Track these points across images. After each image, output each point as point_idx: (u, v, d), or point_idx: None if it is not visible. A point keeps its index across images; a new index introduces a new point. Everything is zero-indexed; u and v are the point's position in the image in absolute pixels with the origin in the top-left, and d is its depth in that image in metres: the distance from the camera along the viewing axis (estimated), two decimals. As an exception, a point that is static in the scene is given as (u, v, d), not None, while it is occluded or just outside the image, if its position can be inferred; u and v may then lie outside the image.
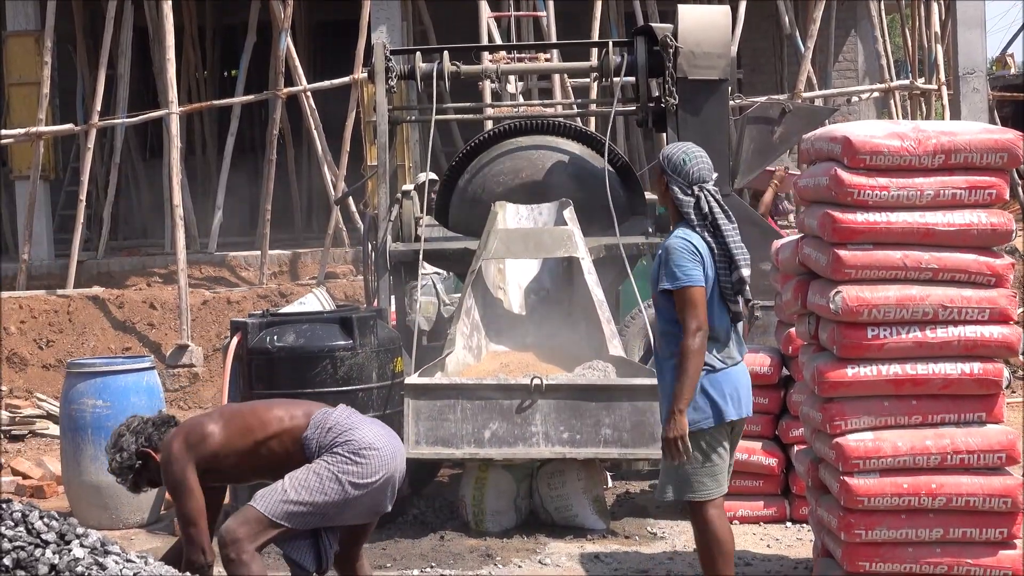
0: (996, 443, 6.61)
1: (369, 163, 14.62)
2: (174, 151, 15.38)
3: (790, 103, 12.00)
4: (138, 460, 6.45)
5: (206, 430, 6.34)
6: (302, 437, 6.25)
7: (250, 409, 6.52)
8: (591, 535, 8.62)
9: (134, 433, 6.47)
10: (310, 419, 6.29)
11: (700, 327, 6.30)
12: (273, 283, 15.86)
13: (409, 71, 10.29)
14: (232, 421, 6.39)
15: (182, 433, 6.37)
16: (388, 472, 6.23)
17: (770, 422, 8.77)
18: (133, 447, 6.43)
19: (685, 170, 6.47)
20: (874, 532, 6.60)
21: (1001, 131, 6.81)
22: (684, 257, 6.36)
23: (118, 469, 6.48)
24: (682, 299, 6.35)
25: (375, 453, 6.20)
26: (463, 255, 9.73)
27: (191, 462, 6.26)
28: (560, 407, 8.46)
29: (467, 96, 15.76)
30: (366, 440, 6.21)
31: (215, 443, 6.30)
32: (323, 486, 6.13)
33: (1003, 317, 6.66)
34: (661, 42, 9.75)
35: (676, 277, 6.35)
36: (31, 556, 6.11)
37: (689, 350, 6.31)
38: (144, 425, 6.50)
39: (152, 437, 6.45)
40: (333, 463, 6.16)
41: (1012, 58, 25.77)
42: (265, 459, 6.30)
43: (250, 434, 6.31)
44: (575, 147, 10.33)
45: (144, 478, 6.53)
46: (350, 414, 6.38)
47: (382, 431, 6.37)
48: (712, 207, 6.44)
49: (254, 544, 6.13)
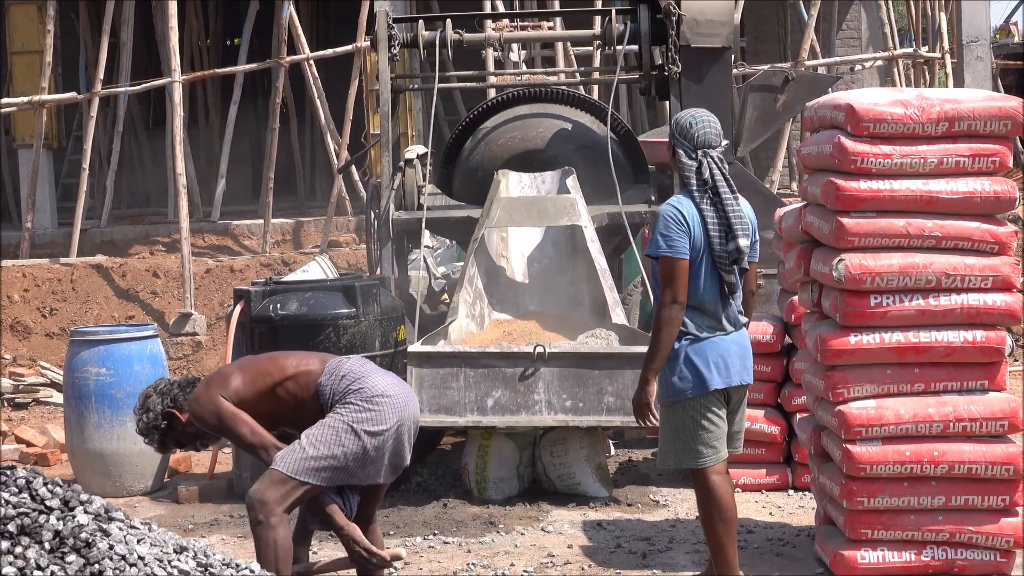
0: (998, 411, 6.62)
1: (372, 132, 14.61)
2: (177, 120, 15.35)
3: (793, 71, 11.97)
4: (164, 420, 6.49)
5: (228, 375, 6.42)
6: (317, 383, 6.30)
7: (268, 356, 6.60)
8: (593, 503, 8.64)
9: (160, 394, 6.53)
10: (325, 366, 6.34)
11: (675, 299, 6.33)
12: (276, 251, 15.86)
13: (412, 39, 10.28)
14: (251, 366, 6.48)
15: (206, 383, 6.47)
16: (400, 419, 6.26)
17: (773, 390, 8.78)
18: (159, 407, 6.49)
19: (691, 133, 6.47)
20: (876, 500, 6.62)
21: (1005, 99, 6.80)
22: (670, 226, 6.37)
23: (145, 429, 6.55)
24: (662, 268, 6.40)
25: (387, 400, 6.23)
26: (466, 223, 9.73)
27: (219, 396, 6.32)
28: (563, 375, 8.47)
29: (470, 64, 15.74)
30: (378, 388, 6.25)
31: (237, 384, 6.35)
32: (339, 438, 6.16)
33: (1006, 285, 6.66)
34: (664, 10, 9.73)
35: (659, 246, 6.38)
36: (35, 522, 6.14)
37: (661, 320, 6.37)
38: (170, 387, 6.56)
39: (177, 398, 6.50)
40: (346, 413, 6.19)
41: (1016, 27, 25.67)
42: (282, 402, 6.34)
43: (268, 376, 6.36)
44: (578, 115, 10.32)
45: (171, 438, 6.58)
46: (364, 363, 6.43)
47: (394, 380, 6.42)
48: (714, 173, 6.43)
49: (282, 506, 6.15)
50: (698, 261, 6.39)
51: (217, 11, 22.08)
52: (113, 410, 9.20)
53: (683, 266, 6.35)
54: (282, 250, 16.03)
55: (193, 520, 8.52)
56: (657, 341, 6.39)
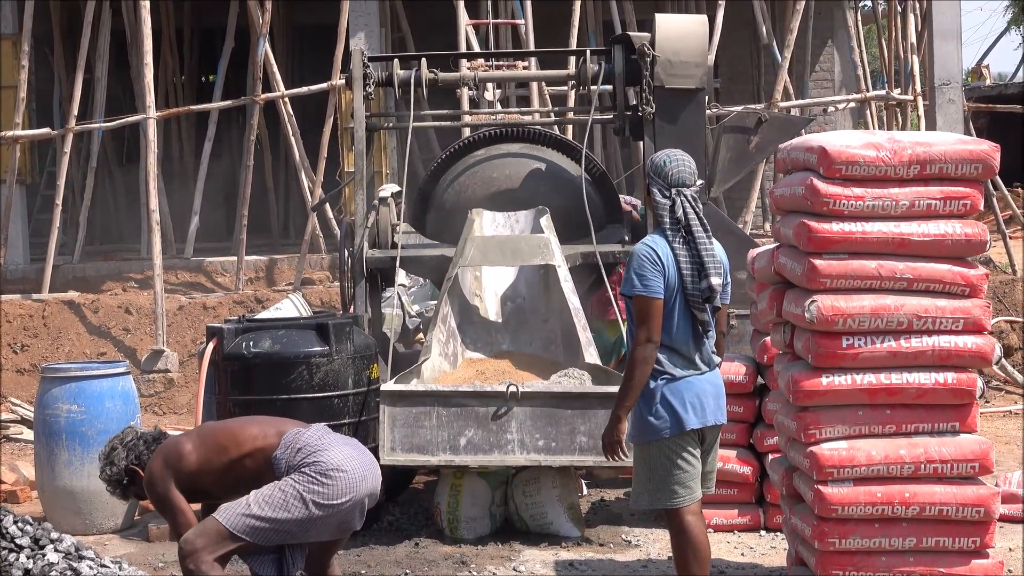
0: (970, 452, 6.64)
1: (346, 170, 14.61)
2: (151, 156, 15.33)
3: (766, 112, 12.03)
4: (126, 476, 6.50)
5: (183, 450, 6.38)
6: (272, 456, 6.26)
7: (224, 428, 6.57)
8: (566, 543, 8.63)
9: (126, 448, 6.53)
10: (281, 439, 6.29)
11: (649, 338, 6.36)
12: (249, 289, 15.83)
13: (387, 78, 10.29)
14: (207, 440, 6.44)
15: (161, 454, 6.42)
16: (355, 495, 6.21)
17: (745, 430, 8.79)
18: (123, 463, 6.50)
19: (665, 172, 6.51)
20: (848, 540, 6.62)
21: (976, 142, 6.85)
22: (644, 266, 6.41)
23: (107, 480, 6.57)
24: (636, 308, 6.44)
25: (343, 475, 6.18)
26: (440, 262, 9.73)
27: (171, 480, 6.31)
28: (536, 414, 8.47)
29: (445, 103, 15.77)
30: (334, 462, 6.19)
31: (192, 462, 6.33)
32: (287, 503, 6.12)
33: (977, 327, 6.69)
34: (639, 51, 9.77)
35: (633, 285, 6.42)
36: (5, 560, 6.10)
37: (635, 359, 6.40)
38: (137, 441, 6.55)
39: (142, 455, 6.50)
40: (300, 482, 6.15)
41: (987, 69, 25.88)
42: (239, 477, 6.32)
43: (224, 452, 6.34)
44: (552, 155, 10.34)
45: (131, 491, 6.60)
46: (323, 435, 6.35)
47: (354, 452, 6.34)
48: (687, 212, 6.46)
49: (213, 555, 6.12)
50: (672, 300, 6.42)
51: (192, 48, 22.07)
52: (84, 447, 9.15)
53: (657, 305, 6.37)
54: (255, 287, 16.01)
55: (163, 558, 8.47)
56: (630, 379, 6.41)
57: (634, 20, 17.54)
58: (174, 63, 21.05)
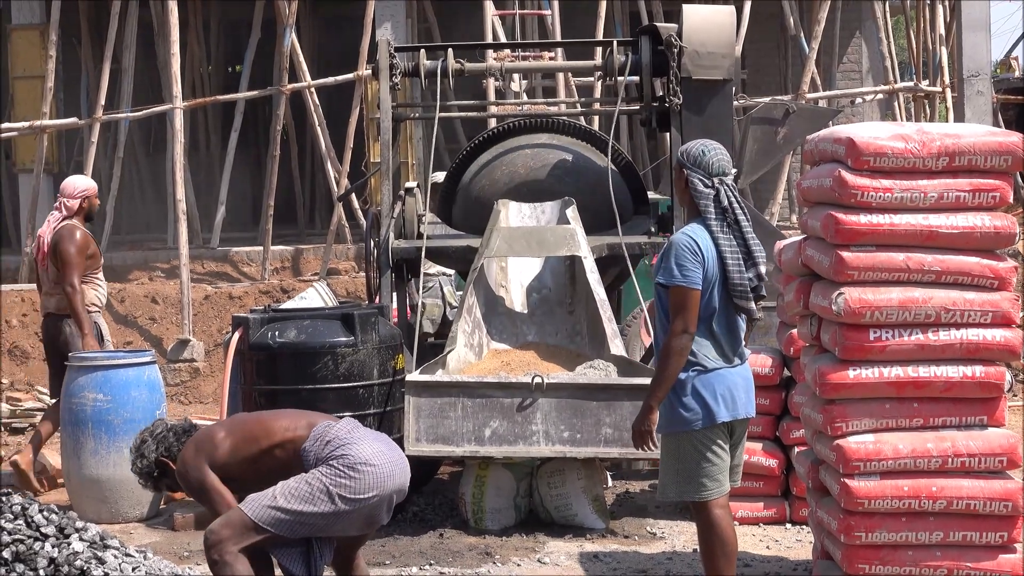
0: (997, 446, 6.61)
1: (372, 160, 14.61)
2: (177, 146, 15.37)
3: (794, 104, 12.00)
4: (156, 469, 6.50)
5: (216, 438, 6.39)
6: (301, 448, 6.25)
7: (255, 419, 6.56)
8: (590, 534, 8.62)
9: (156, 440, 6.52)
10: (311, 431, 6.29)
11: (685, 329, 6.32)
12: (275, 279, 15.85)
13: (413, 68, 10.28)
14: (238, 430, 6.44)
15: (194, 443, 6.43)
16: (382, 491, 6.18)
17: (771, 423, 8.76)
18: (153, 455, 6.48)
19: (705, 161, 6.47)
20: (874, 534, 6.60)
21: (1005, 134, 6.80)
22: (685, 256, 6.36)
23: (138, 473, 6.55)
24: (674, 298, 6.38)
25: (371, 470, 6.16)
26: (465, 253, 9.72)
27: (206, 464, 6.29)
28: (561, 406, 8.46)
29: (471, 94, 15.76)
30: (363, 456, 6.17)
31: (224, 451, 6.33)
32: (313, 496, 6.11)
33: (1005, 320, 6.65)
34: (666, 42, 9.74)
35: (672, 274, 6.36)
36: (30, 549, 6.12)
37: (670, 350, 6.35)
38: (167, 433, 6.54)
39: (172, 447, 6.48)
40: (327, 475, 6.14)
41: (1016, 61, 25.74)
42: (268, 468, 6.30)
43: (255, 443, 6.33)
44: (579, 146, 10.33)
45: (163, 484, 6.59)
46: (353, 428, 6.34)
47: (383, 448, 6.30)
48: (732, 200, 6.44)
49: (237, 546, 6.10)
50: (708, 292, 6.39)
51: (219, 38, 22.10)
52: (110, 436, 9.17)
53: (695, 296, 6.34)
54: (281, 277, 16.03)
55: (189, 548, 8.49)
56: (664, 369, 6.37)
57: (661, 11, 17.52)
58: (201, 53, 21.08)
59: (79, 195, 10.26)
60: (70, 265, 9.92)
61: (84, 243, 10.07)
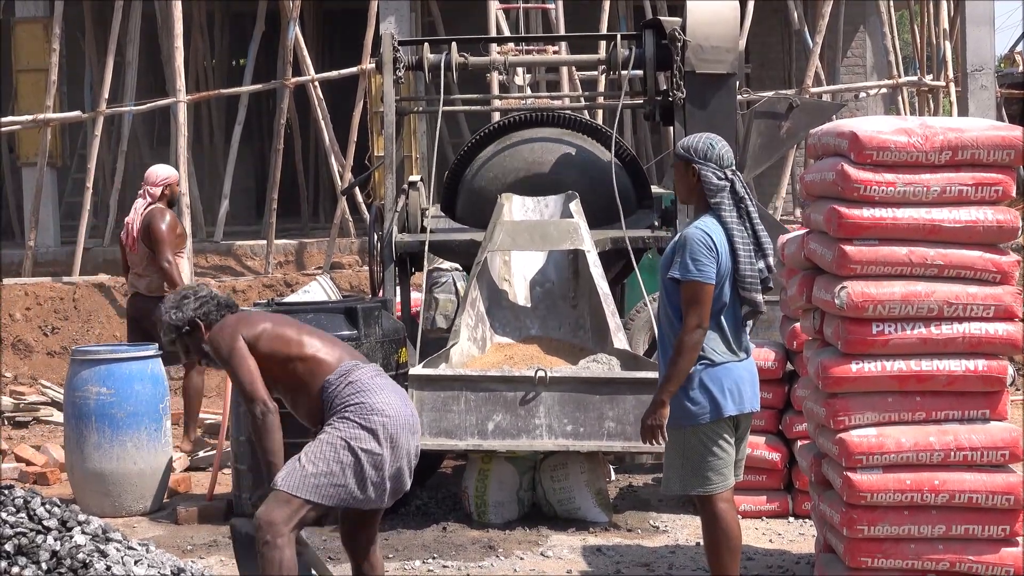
0: (999, 440, 6.60)
1: (376, 154, 14.62)
2: (181, 139, 15.39)
3: (797, 98, 11.99)
4: (187, 327, 6.43)
5: (256, 324, 6.34)
6: (324, 379, 6.24)
7: (298, 326, 6.49)
8: (593, 528, 8.62)
9: (198, 300, 6.46)
10: (340, 365, 6.26)
11: (700, 324, 6.31)
12: (279, 273, 15.87)
13: (417, 62, 10.29)
14: (280, 327, 6.38)
15: (235, 316, 6.42)
16: (395, 440, 6.16)
17: (774, 417, 8.76)
18: (190, 313, 6.42)
19: (715, 154, 6.45)
20: (876, 528, 6.59)
21: (1008, 128, 6.80)
22: (700, 250, 6.33)
23: (168, 326, 6.47)
24: (688, 293, 6.34)
25: (384, 420, 6.14)
26: (469, 247, 9.72)
27: (240, 336, 6.26)
28: (564, 400, 8.46)
29: (475, 87, 15.77)
30: (378, 405, 6.15)
31: (259, 336, 6.27)
32: (337, 454, 6.09)
33: (1008, 314, 6.65)
34: (669, 36, 9.74)
35: (688, 269, 6.33)
36: (32, 542, 6.12)
37: (684, 345, 6.32)
38: (210, 299, 6.47)
39: (211, 314, 6.42)
40: (342, 428, 6.12)
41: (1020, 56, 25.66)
42: (287, 375, 6.27)
43: (288, 346, 6.28)
44: (582, 140, 10.32)
45: (186, 343, 6.51)
46: (375, 375, 6.30)
47: (397, 400, 6.27)
48: (746, 190, 6.47)
49: (289, 526, 6.08)
50: (720, 286, 6.38)
51: (223, 31, 22.13)
52: (113, 429, 9.18)
53: (710, 291, 6.33)
54: (285, 271, 16.05)
55: (192, 541, 8.50)
56: (678, 364, 6.34)
57: (665, 5, 17.52)
58: (205, 47, 21.11)
59: (161, 183, 10.92)
60: (163, 243, 10.64)
61: (173, 223, 10.83)
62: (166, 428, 9.42)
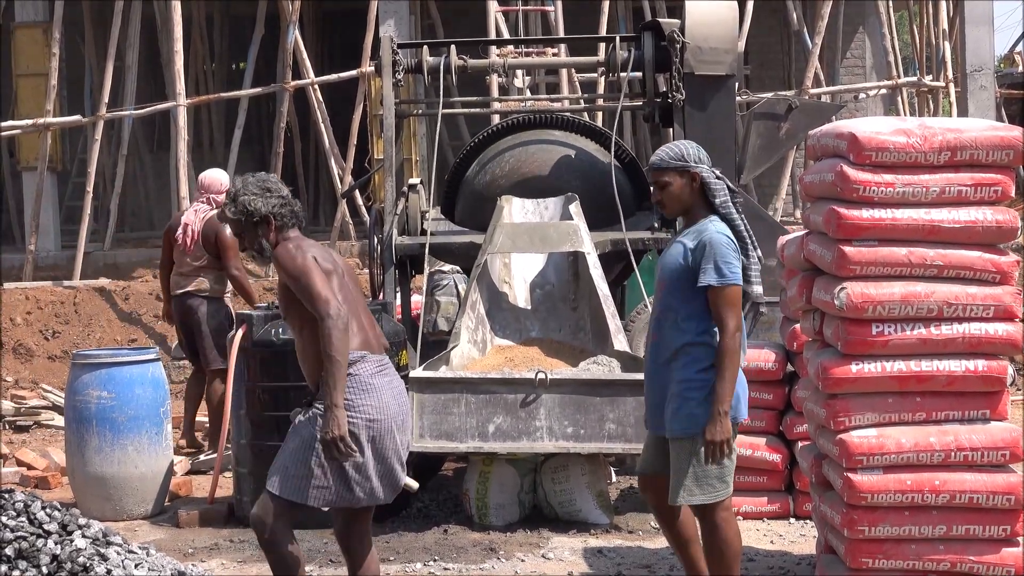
0: (1000, 440, 6.61)
1: (376, 157, 14.62)
2: (181, 143, 15.40)
3: (797, 99, 11.99)
4: (259, 218, 6.28)
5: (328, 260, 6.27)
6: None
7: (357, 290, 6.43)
8: (594, 530, 8.63)
9: (281, 199, 6.32)
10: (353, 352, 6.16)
11: (739, 327, 6.29)
12: (279, 276, 15.85)
13: (416, 65, 10.29)
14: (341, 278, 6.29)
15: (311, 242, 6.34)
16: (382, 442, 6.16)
17: (774, 418, 8.76)
18: (266, 208, 6.27)
19: (704, 155, 6.47)
20: (877, 529, 6.60)
21: (1007, 128, 6.81)
22: (731, 254, 6.31)
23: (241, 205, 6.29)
24: (726, 297, 6.29)
25: (371, 424, 6.13)
26: (469, 249, 9.73)
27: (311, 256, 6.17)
28: (564, 402, 8.47)
29: (474, 90, 15.78)
30: (364, 408, 6.13)
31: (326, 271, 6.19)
32: (318, 457, 6.06)
33: (1008, 314, 6.65)
34: (668, 37, 9.75)
35: (723, 274, 6.27)
36: (33, 546, 6.13)
37: (730, 350, 6.25)
38: (290, 202, 6.35)
39: (285, 216, 6.30)
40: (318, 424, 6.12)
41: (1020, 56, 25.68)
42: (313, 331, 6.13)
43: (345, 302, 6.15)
44: (582, 142, 10.33)
45: (245, 230, 6.34)
46: (376, 372, 6.25)
47: (390, 400, 6.24)
48: (732, 184, 6.50)
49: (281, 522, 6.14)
50: None
51: (222, 35, 22.14)
52: (114, 433, 9.18)
53: (740, 294, 6.35)
54: (285, 274, 16.02)
55: (193, 545, 8.51)
56: (727, 370, 6.26)
57: (664, 6, 17.53)
58: (204, 50, 21.13)
59: (225, 190, 10.77)
60: (233, 250, 10.70)
61: None
62: (167, 432, 9.43)
